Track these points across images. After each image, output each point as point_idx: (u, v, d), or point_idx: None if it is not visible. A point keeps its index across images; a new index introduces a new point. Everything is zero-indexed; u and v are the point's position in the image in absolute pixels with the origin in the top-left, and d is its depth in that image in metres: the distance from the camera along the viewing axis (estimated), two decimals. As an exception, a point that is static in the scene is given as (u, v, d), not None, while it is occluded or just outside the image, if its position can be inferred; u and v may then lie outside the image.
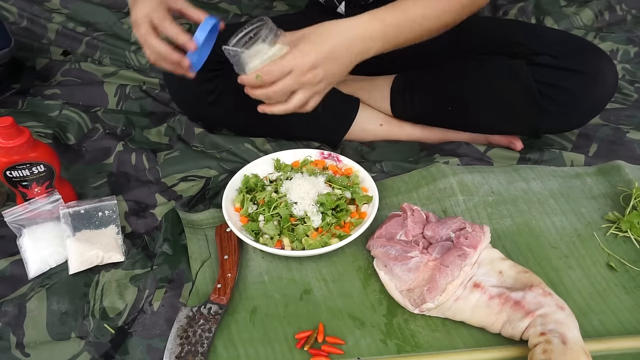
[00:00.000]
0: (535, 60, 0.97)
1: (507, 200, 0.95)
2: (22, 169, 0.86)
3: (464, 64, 1.00)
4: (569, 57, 0.96)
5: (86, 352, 0.74)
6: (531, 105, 0.98)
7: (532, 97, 0.97)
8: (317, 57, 0.82)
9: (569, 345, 0.67)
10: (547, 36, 1.03)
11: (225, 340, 0.75)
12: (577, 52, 0.97)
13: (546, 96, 0.97)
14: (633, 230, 0.89)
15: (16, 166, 0.86)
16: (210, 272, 0.84)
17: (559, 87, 0.96)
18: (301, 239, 0.84)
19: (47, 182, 0.90)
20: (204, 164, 1.05)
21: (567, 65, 0.95)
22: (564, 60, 0.96)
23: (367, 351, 0.74)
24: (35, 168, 0.87)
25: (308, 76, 0.82)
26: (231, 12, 1.53)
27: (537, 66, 0.97)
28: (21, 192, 0.90)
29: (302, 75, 0.82)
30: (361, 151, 1.11)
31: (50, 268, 0.85)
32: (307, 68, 0.82)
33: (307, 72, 0.82)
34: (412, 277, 0.77)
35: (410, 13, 0.87)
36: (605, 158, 1.06)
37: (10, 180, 0.88)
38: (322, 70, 0.83)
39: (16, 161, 0.85)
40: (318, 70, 0.83)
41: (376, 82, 1.13)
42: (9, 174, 0.87)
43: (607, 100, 0.99)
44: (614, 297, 0.80)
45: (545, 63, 0.96)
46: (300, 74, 0.82)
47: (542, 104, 0.97)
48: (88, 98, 1.23)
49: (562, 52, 0.97)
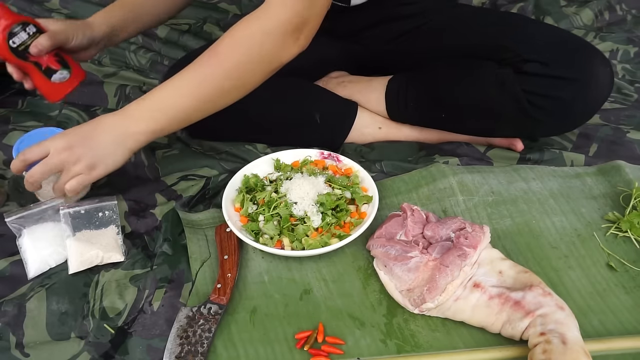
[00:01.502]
0: (523, 69, 0.94)
1: (507, 200, 0.95)
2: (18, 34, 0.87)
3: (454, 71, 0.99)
4: (560, 63, 0.93)
5: (86, 352, 0.74)
6: (521, 114, 0.96)
7: (522, 107, 0.95)
8: (71, 138, 0.85)
9: (569, 345, 0.67)
10: (538, 37, 0.98)
11: (225, 340, 0.75)
12: (569, 56, 0.94)
13: (536, 106, 0.94)
14: (633, 230, 0.89)
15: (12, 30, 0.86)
16: (210, 272, 0.84)
17: (549, 96, 0.93)
18: (301, 239, 0.84)
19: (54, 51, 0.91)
20: (204, 163, 1.05)
21: (557, 73, 0.92)
22: (553, 68, 0.92)
23: (367, 351, 0.74)
24: (28, 28, 0.87)
25: (63, 155, 0.84)
26: (231, 12, 1.53)
27: (525, 75, 0.94)
28: (35, 62, 0.91)
29: (57, 154, 0.84)
30: (361, 151, 1.11)
31: (50, 268, 0.85)
32: (60, 148, 0.84)
33: (62, 152, 0.84)
34: (412, 277, 0.77)
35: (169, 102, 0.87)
36: (605, 158, 1.06)
37: (17, 52, 0.88)
38: (78, 150, 0.84)
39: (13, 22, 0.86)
40: (74, 150, 0.84)
41: (373, 84, 1.13)
42: (12, 44, 0.87)
43: (601, 103, 0.98)
44: (613, 297, 0.80)
45: (534, 72, 0.93)
46: (56, 152, 0.84)
47: (533, 114, 0.95)
48: (88, 98, 1.23)
49: (552, 58, 0.93)
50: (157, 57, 1.34)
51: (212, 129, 1.09)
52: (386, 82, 1.11)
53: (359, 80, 1.16)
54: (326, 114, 1.09)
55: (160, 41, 1.39)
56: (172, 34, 1.40)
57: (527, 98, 0.94)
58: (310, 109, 1.08)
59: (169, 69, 1.11)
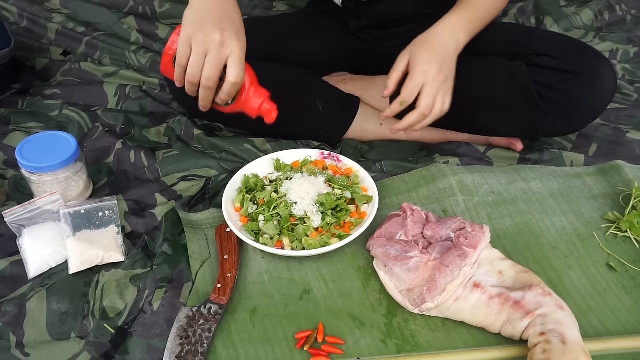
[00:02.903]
0: (535, 61, 0.97)
1: (507, 200, 0.95)
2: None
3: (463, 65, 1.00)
4: (569, 59, 0.96)
5: (86, 352, 0.74)
6: (530, 107, 0.98)
7: (531, 99, 0.97)
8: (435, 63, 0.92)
9: (569, 345, 0.67)
10: (546, 38, 1.03)
11: (225, 340, 0.76)
12: (577, 54, 0.97)
13: (545, 98, 0.97)
14: (633, 230, 0.89)
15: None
16: (210, 272, 0.84)
17: (558, 89, 0.96)
18: (301, 239, 0.85)
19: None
20: (204, 163, 1.05)
21: (566, 67, 0.95)
22: (563, 62, 0.96)
23: (367, 351, 0.74)
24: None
25: (439, 79, 0.91)
26: (231, 12, 1.52)
27: (537, 67, 0.97)
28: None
29: (435, 82, 0.91)
30: (361, 150, 1.11)
31: (50, 268, 0.85)
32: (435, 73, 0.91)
33: (437, 76, 0.91)
34: (412, 277, 0.78)
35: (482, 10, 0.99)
36: (605, 158, 1.06)
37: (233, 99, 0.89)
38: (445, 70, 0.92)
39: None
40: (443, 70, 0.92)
41: (376, 82, 1.13)
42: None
43: (605, 104, 0.99)
44: (613, 297, 0.81)
45: (545, 64, 0.96)
46: (434, 80, 0.91)
47: (541, 106, 0.97)
48: (88, 98, 1.23)
49: (561, 53, 0.97)
50: (157, 57, 1.34)
51: (213, 115, 1.07)
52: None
53: (361, 79, 1.17)
54: (329, 104, 1.09)
55: (160, 41, 1.39)
56: (172, 34, 1.40)
57: (537, 90, 0.96)
58: (314, 96, 1.08)
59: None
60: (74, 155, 0.91)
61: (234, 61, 0.83)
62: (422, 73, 0.91)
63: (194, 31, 0.82)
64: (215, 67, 0.82)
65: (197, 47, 0.82)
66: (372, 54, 1.17)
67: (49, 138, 0.93)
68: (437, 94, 0.92)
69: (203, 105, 0.88)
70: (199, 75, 0.83)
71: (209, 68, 0.82)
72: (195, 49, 0.82)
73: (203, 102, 0.87)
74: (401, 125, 0.95)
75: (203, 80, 0.83)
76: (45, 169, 0.89)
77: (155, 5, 1.48)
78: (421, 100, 0.92)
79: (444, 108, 0.94)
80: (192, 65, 0.83)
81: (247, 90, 0.89)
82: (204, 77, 0.83)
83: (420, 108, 0.92)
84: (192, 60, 0.82)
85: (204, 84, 0.84)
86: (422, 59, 0.92)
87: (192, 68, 0.83)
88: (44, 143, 0.92)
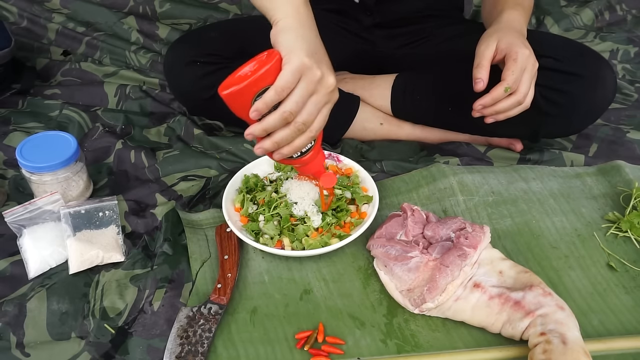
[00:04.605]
0: (539, 63, 0.97)
1: (507, 200, 0.95)
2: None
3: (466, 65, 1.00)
4: (571, 60, 0.97)
5: (86, 352, 0.74)
6: (532, 108, 0.98)
7: (534, 99, 0.97)
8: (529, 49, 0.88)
9: (569, 345, 0.67)
10: (548, 40, 1.03)
11: (225, 340, 0.75)
12: (579, 56, 0.98)
13: (548, 99, 0.97)
14: (633, 230, 0.89)
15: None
16: (210, 272, 0.84)
17: (561, 90, 0.96)
18: (301, 239, 0.85)
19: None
20: (204, 163, 1.05)
21: (569, 69, 0.96)
22: (566, 64, 0.96)
23: (367, 351, 0.74)
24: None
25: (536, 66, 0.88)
26: (231, 12, 1.53)
27: (540, 69, 0.96)
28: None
29: (533, 68, 0.88)
30: (361, 149, 1.11)
31: (51, 268, 0.85)
32: (527, 57, 0.87)
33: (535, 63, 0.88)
34: (412, 277, 0.77)
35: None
36: (605, 158, 1.06)
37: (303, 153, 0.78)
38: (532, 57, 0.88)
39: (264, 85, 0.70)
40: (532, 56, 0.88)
41: (377, 81, 1.13)
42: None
43: (606, 105, 1.00)
44: (614, 297, 0.81)
45: (548, 66, 0.96)
46: (532, 66, 0.88)
47: (544, 107, 0.97)
48: (88, 98, 1.23)
49: (564, 55, 0.97)
50: (157, 57, 1.35)
51: (211, 106, 1.07)
52: (391, 80, 1.12)
53: (361, 78, 1.17)
54: None
55: (160, 41, 1.40)
56: (173, 34, 1.40)
57: (539, 91, 0.96)
58: None
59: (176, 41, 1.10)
60: (74, 155, 0.91)
61: (328, 110, 0.75)
62: (525, 57, 0.86)
63: (310, 65, 0.69)
64: (318, 112, 0.72)
65: (308, 85, 0.70)
66: (374, 53, 1.17)
67: (49, 138, 0.93)
68: (532, 82, 0.88)
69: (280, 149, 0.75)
70: (296, 114, 0.71)
71: (312, 111, 0.71)
72: (306, 85, 0.70)
73: (284, 143, 0.74)
74: (493, 109, 0.89)
75: (299, 123, 0.71)
76: (45, 169, 0.89)
77: (156, 5, 1.48)
78: (521, 86, 0.87)
79: (530, 100, 0.89)
80: (295, 102, 0.70)
81: (318, 144, 0.80)
82: (302, 121, 0.71)
83: (518, 95, 0.87)
84: (296, 96, 0.70)
85: (298, 127, 0.72)
86: (518, 43, 0.87)
87: (294, 105, 0.70)
88: (44, 143, 0.92)
